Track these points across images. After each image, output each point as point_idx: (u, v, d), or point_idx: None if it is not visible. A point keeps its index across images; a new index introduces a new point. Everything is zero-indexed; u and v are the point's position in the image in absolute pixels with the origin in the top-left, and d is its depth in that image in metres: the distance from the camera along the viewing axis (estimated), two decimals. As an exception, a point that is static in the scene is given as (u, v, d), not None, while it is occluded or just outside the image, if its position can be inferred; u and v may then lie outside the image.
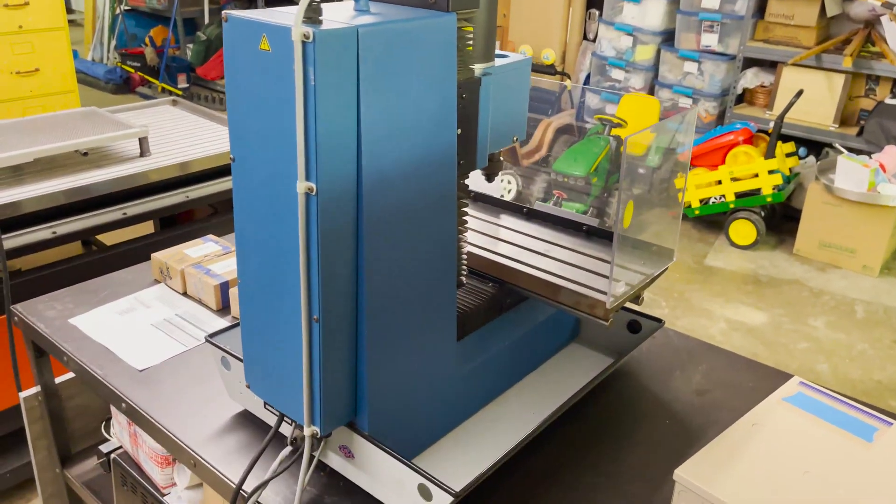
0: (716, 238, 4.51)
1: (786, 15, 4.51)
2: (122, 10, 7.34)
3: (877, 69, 4.23)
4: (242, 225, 1.10)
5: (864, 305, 3.81)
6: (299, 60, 0.89)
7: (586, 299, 1.29)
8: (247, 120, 1.02)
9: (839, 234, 4.12)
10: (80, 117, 2.53)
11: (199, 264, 1.77)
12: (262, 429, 1.34)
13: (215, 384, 1.44)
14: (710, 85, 4.83)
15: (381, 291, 1.08)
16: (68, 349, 1.55)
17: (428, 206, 1.11)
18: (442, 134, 1.09)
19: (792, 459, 1.19)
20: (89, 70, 7.11)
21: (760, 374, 1.56)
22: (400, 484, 1.11)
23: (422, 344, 1.19)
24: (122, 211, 2.31)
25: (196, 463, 1.29)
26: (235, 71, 1.00)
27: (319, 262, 0.99)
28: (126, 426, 1.56)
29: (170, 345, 1.57)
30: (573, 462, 1.29)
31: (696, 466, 1.17)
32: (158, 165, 2.42)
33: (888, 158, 4.00)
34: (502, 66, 1.23)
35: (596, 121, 4.90)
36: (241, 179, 1.07)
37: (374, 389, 1.12)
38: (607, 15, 5.20)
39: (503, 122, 1.27)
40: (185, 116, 2.96)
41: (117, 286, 1.82)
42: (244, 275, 1.13)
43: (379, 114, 0.99)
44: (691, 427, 1.39)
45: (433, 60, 1.04)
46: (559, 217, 1.58)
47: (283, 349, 1.10)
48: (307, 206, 0.96)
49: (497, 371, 1.40)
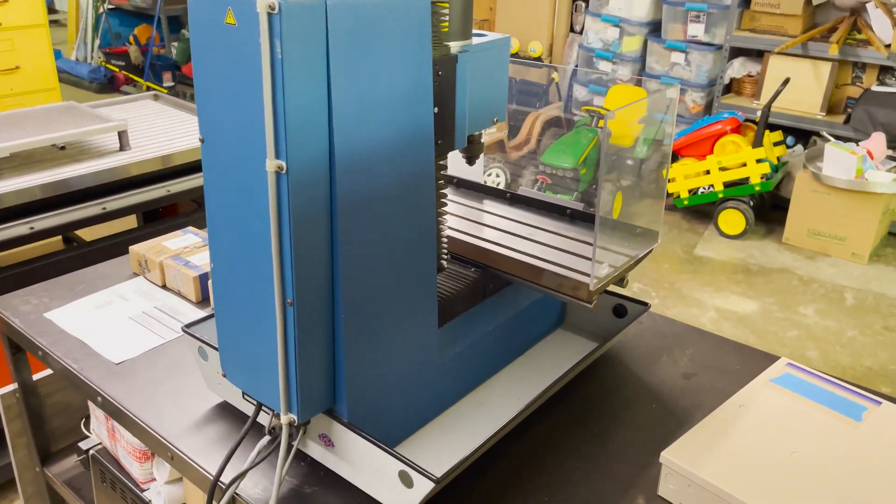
0: (705, 228, 4.50)
1: (772, 4, 4.50)
2: (105, 8, 7.27)
3: (863, 56, 4.22)
4: (213, 208, 1.07)
5: (853, 293, 3.81)
6: (265, 33, 0.86)
7: (569, 282, 1.26)
8: (214, 98, 0.99)
9: (828, 222, 4.11)
10: (58, 112, 2.49)
11: (178, 256, 1.74)
12: (241, 420, 1.31)
13: (194, 376, 1.41)
14: (698, 75, 4.82)
15: (357, 274, 1.05)
16: (43, 344, 1.52)
17: (405, 186, 1.08)
18: (417, 111, 1.06)
19: (779, 440, 1.17)
20: (73, 69, 7.05)
21: (747, 356, 1.54)
22: (380, 471, 1.09)
23: (401, 329, 1.16)
24: (102, 206, 2.28)
25: (173, 456, 1.26)
26: (201, 48, 0.97)
27: (292, 244, 0.96)
28: (104, 421, 1.53)
29: (147, 337, 1.54)
30: (559, 446, 1.27)
31: (682, 448, 1.15)
32: (139, 159, 2.38)
33: (875, 145, 4.00)
34: (480, 45, 1.20)
35: (584, 112, 4.88)
36: (211, 160, 1.04)
37: (352, 376, 1.10)
38: (594, 6, 5.18)
39: (482, 102, 1.24)
40: (166, 111, 2.93)
41: (95, 280, 1.78)
42: (217, 260, 1.10)
43: (350, 89, 0.96)
44: (678, 410, 1.37)
45: (407, 36, 1.01)
46: (543, 202, 1.56)
47: (257, 335, 1.07)
48: (277, 185, 0.94)
49: (481, 358, 1.38)
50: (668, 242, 4.33)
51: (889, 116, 4.07)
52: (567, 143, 4.44)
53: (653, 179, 1.45)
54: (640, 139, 1.37)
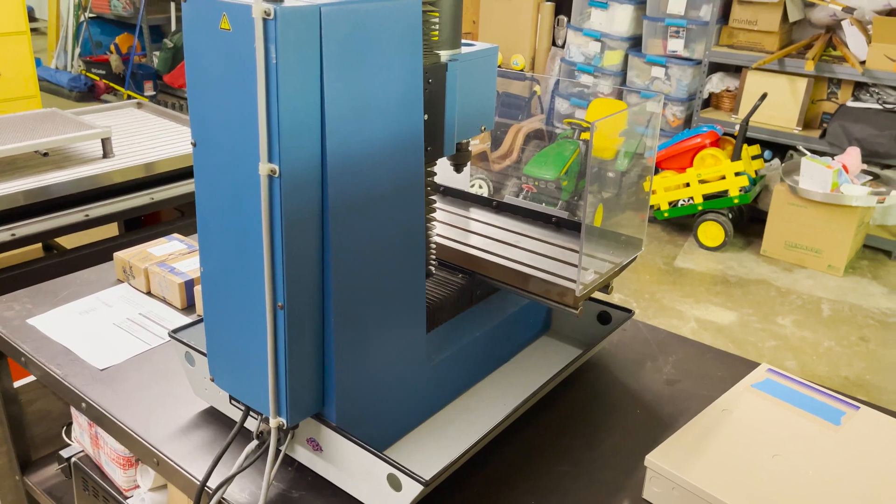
0: (685, 240, 4.55)
1: (749, 20, 4.60)
2: (86, 17, 7.23)
3: (838, 73, 4.32)
4: (204, 211, 1.07)
5: (829, 304, 3.87)
6: (260, 38, 0.88)
7: (556, 288, 1.28)
8: (208, 102, 1.00)
9: (804, 235, 4.19)
10: (41, 118, 2.47)
11: (163, 262, 1.73)
12: (229, 425, 1.30)
13: (180, 381, 1.41)
14: (677, 89, 4.89)
15: (348, 277, 1.06)
16: (26, 350, 1.51)
17: (395, 191, 1.09)
18: (408, 118, 1.08)
19: (761, 443, 1.19)
20: (53, 78, 7.00)
21: (729, 363, 1.56)
22: (369, 475, 1.09)
23: (390, 333, 1.17)
24: (84, 213, 2.26)
25: (159, 461, 1.25)
26: (195, 53, 0.98)
27: (283, 247, 0.97)
28: (87, 428, 1.52)
29: (133, 343, 1.54)
30: (546, 451, 1.28)
31: (666, 452, 1.17)
32: (122, 166, 2.37)
33: (850, 160, 4.09)
34: (469, 54, 1.22)
35: (566, 125, 4.93)
36: (203, 164, 1.04)
37: (341, 379, 1.10)
38: (575, 21, 5.25)
39: (470, 110, 1.26)
40: (150, 119, 2.92)
41: (78, 286, 1.77)
42: (207, 263, 1.10)
43: (343, 95, 0.97)
44: (662, 415, 1.39)
45: (398, 43, 1.03)
46: (529, 209, 1.58)
47: (247, 338, 1.07)
48: (270, 188, 0.95)
49: (468, 363, 1.39)
50: (649, 254, 4.38)
51: (864, 131, 4.16)
52: (549, 154, 4.48)
53: (635, 191, 1.47)
54: (623, 151, 1.40)
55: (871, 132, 4.14)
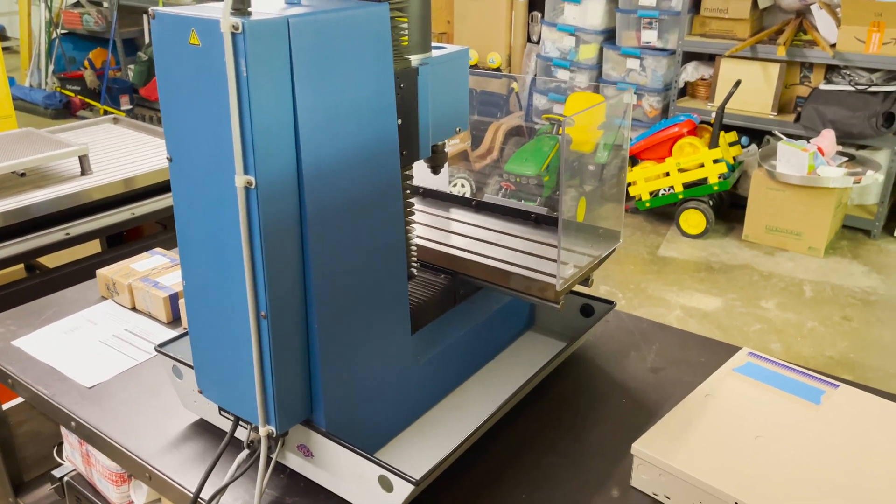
0: (667, 229, 4.59)
1: (720, 9, 4.64)
2: (58, 33, 7.18)
3: (810, 57, 4.37)
4: (184, 225, 1.08)
5: (811, 285, 3.92)
6: (230, 52, 0.89)
7: (537, 283, 1.30)
8: (181, 117, 1.00)
9: (784, 218, 4.24)
10: (16, 139, 2.46)
11: (146, 277, 1.74)
12: (219, 436, 1.31)
13: (168, 396, 1.41)
14: (653, 80, 4.93)
15: (330, 284, 1.07)
16: (13, 371, 1.50)
17: (372, 196, 1.10)
18: (381, 123, 1.09)
19: (744, 426, 1.22)
20: (27, 96, 6.94)
21: (711, 349, 1.59)
22: (360, 478, 1.10)
23: (375, 337, 1.18)
24: (65, 231, 2.26)
25: (151, 476, 1.26)
26: (166, 69, 0.99)
27: (264, 257, 0.98)
28: (78, 447, 1.52)
29: (119, 360, 1.54)
30: (534, 444, 1.30)
31: (652, 439, 1.19)
32: (101, 183, 2.37)
33: (826, 142, 4.14)
34: (440, 57, 1.24)
35: (544, 121, 4.96)
36: (180, 179, 1.05)
37: (328, 385, 1.11)
38: (549, 16, 5.28)
39: (444, 112, 1.27)
40: (127, 134, 2.91)
41: (62, 305, 1.77)
42: (189, 276, 1.11)
43: (315, 104, 0.98)
44: (647, 403, 1.41)
45: (368, 50, 1.04)
46: (508, 207, 1.60)
47: (233, 349, 1.08)
48: (247, 200, 0.96)
49: (454, 362, 1.40)
50: (633, 244, 4.41)
51: (837, 113, 4.21)
52: (529, 151, 4.50)
53: (613, 183, 1.49)
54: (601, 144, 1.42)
55: (844, 114, 4.19)
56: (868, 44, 4.13)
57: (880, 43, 4.09)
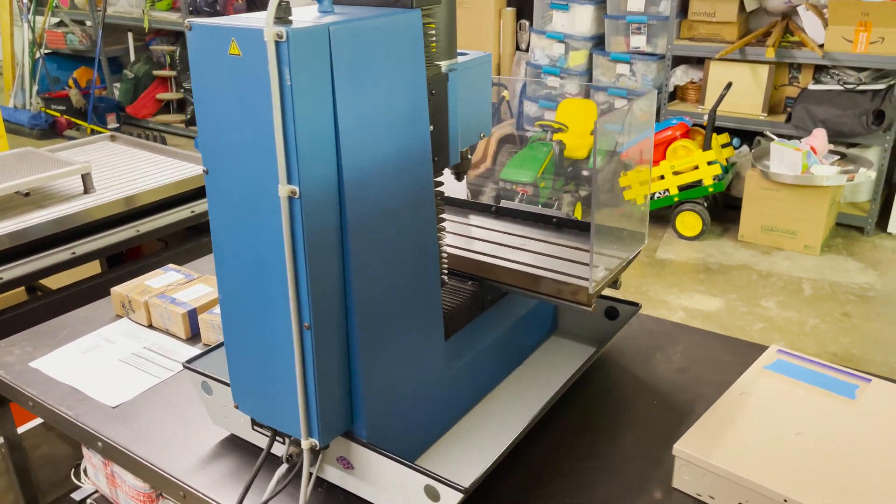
0: (664, 232, 4.61)
1: (707, 13, 4.69)
2: (42, 53, 7.11)
3: (799, 57, 4.42)
4: (220, 238, 1.06)
5: (810, 283, 3.95)
6: (273, 61, 0.88)
7: (568, 287, 1.29)
8: (218, 129, 0.99)
9: (779, 218, 4.27)
10: (16, 158, 2.43)
11: (163, 294, 1.71)
12: (251, 451, 1.29)
13: (195, 412, 1.39)
14: (643, 84, 4.96)
15: (369, 292, 1.06)
16: (34, 393, 1.48)
17: (408, 203, 1.10)
18: (416, 130, 1.09)
19: (783, 423, 1.22)
20: (12, 117, 6.86)
21: (735, 347, 1.59)
22: (404, 488, 1.09)
23: (412, 344, 1.17)
24: (71, 251, 2.23)
25: (186, 494, 1.24)
26: (203, 80, 0.98)
27: (307, 267, 0.97)
28: (102, 468, 1.49)
29: (142, 378, 1.51)
30: (570, 449, 1.29)
31: (693, 439, 1.19)
32: (104, 201, 2.34)
33: (818, 141, 4.18)
34: (466, 62, 1.23)
35: (537, 127, 4.97)
36: (216, 191, 1.04)
37: (369, 394, 1.10)
38: (538, 24, 5.31)
39: (470, 117, 1.27)
40: (126, 151, 2.88)
41: (76, 325, 1.74)
42: (225, 292, 1.09)
43: (355, 111, 0.98)
44: (678, 404, 1.41)
45: (402, 56, 1.04)
46: (529, 212, 1.60)
47: (272, 363, 1.07)
48: (290, 210, 0.94)
49: (485, 368, 1.39)
50: (630, 248, 4.42)
51: (827, 113, 4.26)
52: (524, 157, 4.51)
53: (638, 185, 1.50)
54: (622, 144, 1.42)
55: (834, 113, 4.24)
56: (856, 43, 4.18)
57: (867, 42, 4.14)
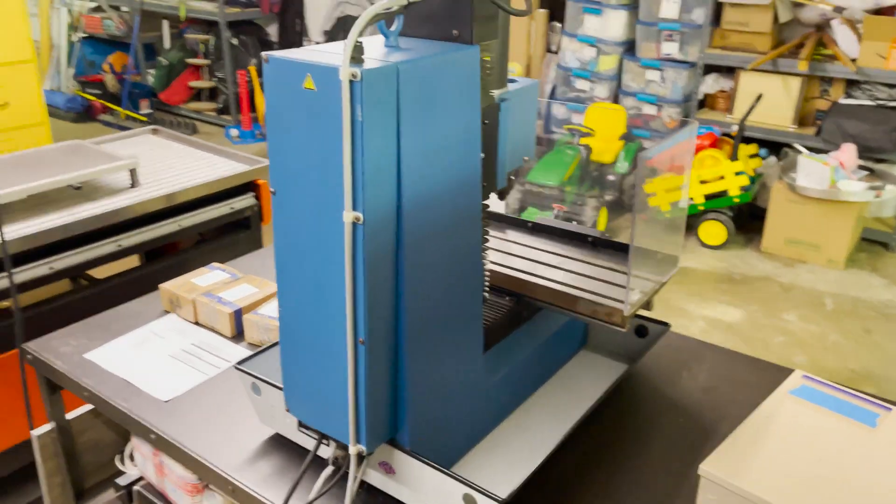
0: (687, 240, 4.64)
1: (741, 22, 4.69)
2: (79, 37, 7.24)
3: (830, 71, 4.42)
4: (283, 254, 1.14)
5: (832, 298, 3.97)
6: (346, 99, 0.94)
7: (603, 308, 1.35)
8: (288, 154, 1.06)
9: (804, 231, 4.29)
10: (68, 151, 2.52)
11: (209, 293, 1.79)
12: (296, 451, 1.37)
13: (242, 410, 1.47)
14: (673, 92, 4.98)
15: (420, 310, 1.13)
16: (89, 384, 1.56)
17: (458, 227, 1.16)
18: (469, 158, 1.15)
19: (805, 448, 1.27)
20: (49, 100, 6.97)
21: (759, 368, 1.64)
22: (443, 495, 1.16)
23: (454, 357, 1.24)
24: (117, 243, 2.31)
25: (234, 488, 1.31)
26: (277, 108, 1.04)
27: (365, 287, 1.04)
28: (151, 457, 1.58)
29: (191, 374, 1.60)
30: (598, 463, 1.35)
31: (719, 460, 1.24)
32: (149, 196, 2.42)
33: (847, 156, 4.19)
34: (516, 91, 1.29)
35: (565, 131, 5.01)
36: (282, 211, 1.11)
37: (413, 405, 1.17)
38: (570, 27, 5.33)
39: (517, 143, 1.33)
40: (168, 145, 2.97)
41: (126, 319, 1.83)
42: (286, 304, 1.17)
43: (416, 143, 1.04)
44: (703, 422, 1.46)
45: (461, 90, 1.10)
46: (564, 230, 1.65)
47: (326, 372, 1.14)
48: (354, 234, 1.01)
49: (519, 380, 1.46)
50: (653, 255, 4.46)
51: (858, 128, 4.26)
52: (551, 161, 4.56)
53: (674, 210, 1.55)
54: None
55: (864, 128, 4.24)
56: (889, 59, 4.18)
57: (902, 59, 4.14)
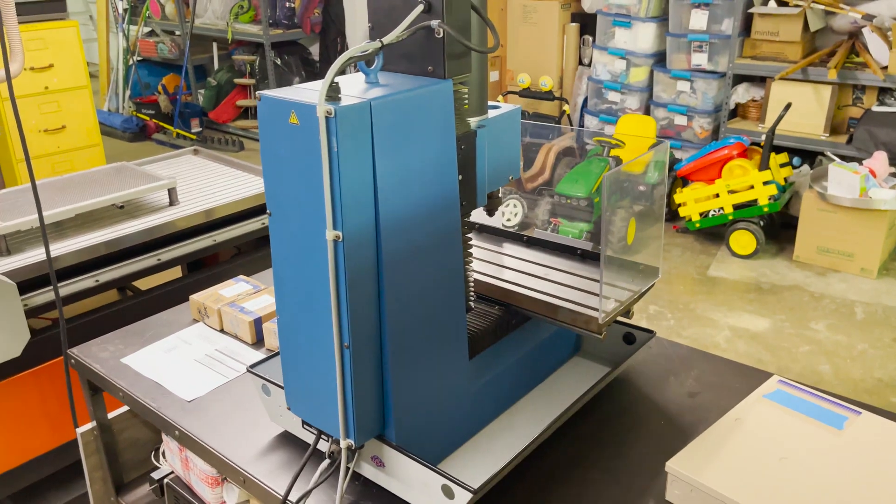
0: (717, 249, 4.66)
1: (771, 32, 4.70)
2: (135, 60, 7.64)
3: (861, 79, 4.40)
4: (279, 269, 1.28)
5: (863, 307, 3.94)
6: (323, 132, 1.08)
7: (581, 316, 1.46)
8: (279, 180, 1.20)
9: (836, 240, 4.26)
10: (112, 173, 2.74)
11: (233, 303, 1.96)
12: (302, 447, 1.51)
13: (257, 409, 1.62)
14: (703, 102, 5.01)
15: (400, 318, 1.25)
16: (123, 386, 1.74)
17: (436, 243, 1.29)
18: (445, 181, 1.27)
19: (770, 448, 1.35)
20: (106, 120, 7.40)
21: (746, 375, 1.71)
22: (426, 486, 1.28)
23: (438, 363, 1.36)
24: (157, 257, 2.51)
25: (245, 480, 1.46)
26: (269, 141, 1.19)
27: (347, 298, 1.17)
28: (178, 452, 1.74)
29: (213, 377, 1.75)
30: (580, 461, 1.45)
31: (685, 458, 1.33)
32: (187, 213, 2.62)
33: (878, 164, 4.16)
34: (494, 118, 1.41)
35: (595, 142, 5.08)
36: (277, 230, 1.25)
37: (398, 405, 1.30)
38: (600, 40, 5.41)
39: (498, 165, 1.45)
40: (206, 165, 3.17)
41: (160, 327, 2.00)
42: (283, 312, 1.31)
43: (391, 169, 1.17)
44: (683, 425, 1.55)
45: (434, 121, 1.23)
46: (556, 243, 1.76)
47: (318, 374, 1.27)
48: (335, 251, 1.15)
49: (507, 385, 1.57)
50: (682, 264, 4.50)
51: (890, 136, 4.23)
52: (580, 173, 4.63)
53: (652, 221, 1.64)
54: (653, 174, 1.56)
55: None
56: (921, 66, 4.13)
57: (934, 65, 4.09)
